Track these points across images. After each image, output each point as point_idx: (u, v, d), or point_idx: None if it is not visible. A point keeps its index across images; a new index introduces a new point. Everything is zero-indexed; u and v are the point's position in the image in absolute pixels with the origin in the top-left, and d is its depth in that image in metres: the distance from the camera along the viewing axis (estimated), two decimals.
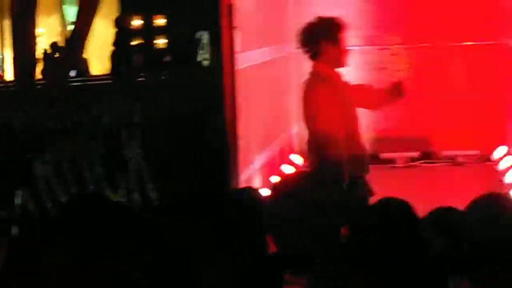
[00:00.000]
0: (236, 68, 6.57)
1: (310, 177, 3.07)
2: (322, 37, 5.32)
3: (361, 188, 5.15)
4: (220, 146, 6.51)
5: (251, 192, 3.57)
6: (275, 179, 7.42)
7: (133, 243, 2.63)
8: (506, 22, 9.08)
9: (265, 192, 4.83)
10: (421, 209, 2.96)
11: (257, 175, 7.47)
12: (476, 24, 9.26)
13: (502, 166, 8.74)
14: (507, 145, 9.06)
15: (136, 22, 13.14)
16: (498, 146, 9.18)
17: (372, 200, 3.79)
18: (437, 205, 3.18)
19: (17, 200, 7.15)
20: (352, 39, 8.99)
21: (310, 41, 5.36)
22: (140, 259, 2.65)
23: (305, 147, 9.50)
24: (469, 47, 9.35)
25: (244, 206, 3.30)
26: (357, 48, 9.19)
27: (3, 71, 18.15)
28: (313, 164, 5.27)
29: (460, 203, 3.14)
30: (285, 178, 2.75)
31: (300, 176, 2.81)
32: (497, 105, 9.32)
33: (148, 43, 12.78)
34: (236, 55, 6.61)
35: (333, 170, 4.94)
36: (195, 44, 9.79)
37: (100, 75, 14.90)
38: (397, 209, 2.81)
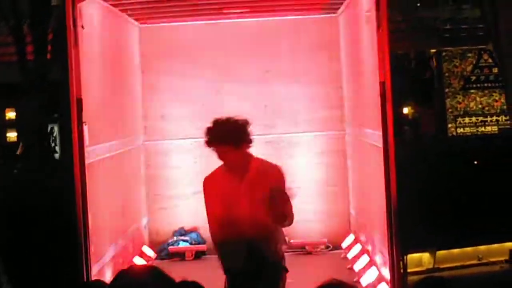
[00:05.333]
0: (86, 161, 6.64)
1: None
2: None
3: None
4: (71, 239, 6.52)
5: (101, 285, 3.56)
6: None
7: None
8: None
9: None
10: None
11: (109, 267, 7.49)
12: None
13: (351, 254, 8.94)
14: (354, 233, 9.36)
15: None
16: (346, 234, 9.50)
17: None
18: None
19: None
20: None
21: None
22: None
23: (155, 238, 9.65)
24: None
25: None
26: None
27: None
28: None
29: None
30: (128, 269, 2.77)
31: (144, 269, 2.83)
32: (340, 193, 9.72)
33: None
34: (86, 149, 6.69)
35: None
36: (46, 137, 9.79)
37: None
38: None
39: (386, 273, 6.80)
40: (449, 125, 31.24)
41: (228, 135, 5.72)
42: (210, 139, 5.73)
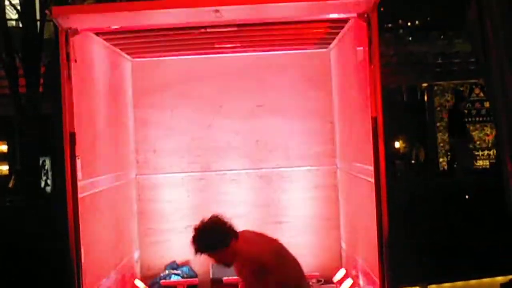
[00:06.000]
0: (79, 195, 6.66)
1: None
2: None
3: None
4: (64, 273, 6.52)
5: None
6: None
7: None
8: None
9: None
10: None
11: None
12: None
13: None
14: (345, 267, 9.37)
15: None
16: (337, 268, 9.49)
17: None
18: None
19: None
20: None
21: None
22: None
23: (146, 272, 9.64)
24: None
25: None
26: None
27: None
28: None
29: None
30: None
31: None
32: (332, 227, 9.73)
33: None
34: (78, 183, 6.71)
35: None
36: (38, 171, 9.81)
37: None
38: None
39: None
40: (440, 159, 31.35)
41: (199, 246, 5.98)
42: (194, 249, 6.01)
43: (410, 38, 32.37)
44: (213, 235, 5.96)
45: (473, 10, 13.04)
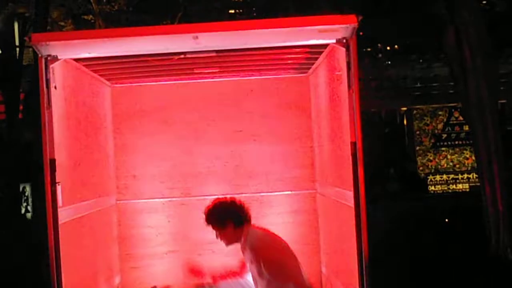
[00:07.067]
0: (59, 221, 6.65)
1: None
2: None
3: None
4: None
5: None
6: None
7: None
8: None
9: None
10: None
11: None
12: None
13: None
14: None
15: None
16: None
17: None
18: None
19: None
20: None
21: None
22: None
23: None
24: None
25: None
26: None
27: None
28: None
29: None
30: None
31: None
32: (312, 251, 9.73)
33: None
34: (59, 209, 6.70)
35: None
36: (18, 197, 9.78)
37: None
38: None
39: None
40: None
41: (211, 218, 6.63)
42: (206, 219, 6.67)
43: (389, 62, 32.59)
44: (228, 212, 6.60)
45: (451, 36, 13.20)
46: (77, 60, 7.74)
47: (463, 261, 12.18)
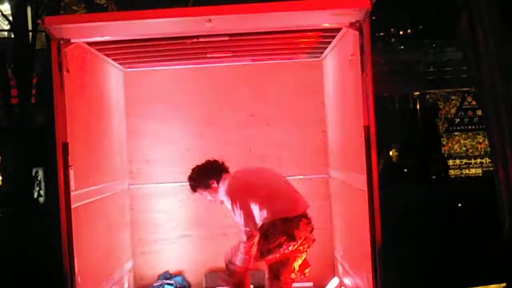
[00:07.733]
0: (72, 205, 6.66)
1: None
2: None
3: None
4: (57, 284, 6.51)
5: None
6: None
7: None
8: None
9: None
10: None
11: None
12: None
13: None
14: (338, 276, 9.35)
15: None
16: (330, 278, 9.46)
17: None
18: None
19: None
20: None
21: None
22: None
23: (139, 282, 9.62)
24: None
25: None
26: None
27: None
28: None
29: None
30: None
31: None
32: (325, 236, 9.71)
33: None
34: (71, 193, 6.70)
35: None
36: (31, 181, 9.79)
37: None
38: None
39: None
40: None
41: (193, 185, 7.43)
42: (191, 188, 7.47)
43: (402, 47, 32.45)
44: (206, 172, 7.29)
45: (464, 20, 13.13)
46: (89, 44, 7.73)
47: (476, 245, 12.15)
